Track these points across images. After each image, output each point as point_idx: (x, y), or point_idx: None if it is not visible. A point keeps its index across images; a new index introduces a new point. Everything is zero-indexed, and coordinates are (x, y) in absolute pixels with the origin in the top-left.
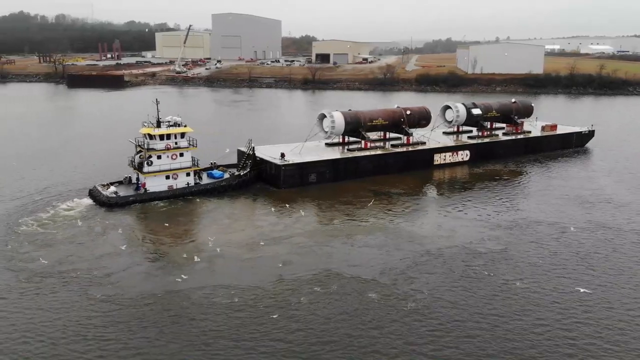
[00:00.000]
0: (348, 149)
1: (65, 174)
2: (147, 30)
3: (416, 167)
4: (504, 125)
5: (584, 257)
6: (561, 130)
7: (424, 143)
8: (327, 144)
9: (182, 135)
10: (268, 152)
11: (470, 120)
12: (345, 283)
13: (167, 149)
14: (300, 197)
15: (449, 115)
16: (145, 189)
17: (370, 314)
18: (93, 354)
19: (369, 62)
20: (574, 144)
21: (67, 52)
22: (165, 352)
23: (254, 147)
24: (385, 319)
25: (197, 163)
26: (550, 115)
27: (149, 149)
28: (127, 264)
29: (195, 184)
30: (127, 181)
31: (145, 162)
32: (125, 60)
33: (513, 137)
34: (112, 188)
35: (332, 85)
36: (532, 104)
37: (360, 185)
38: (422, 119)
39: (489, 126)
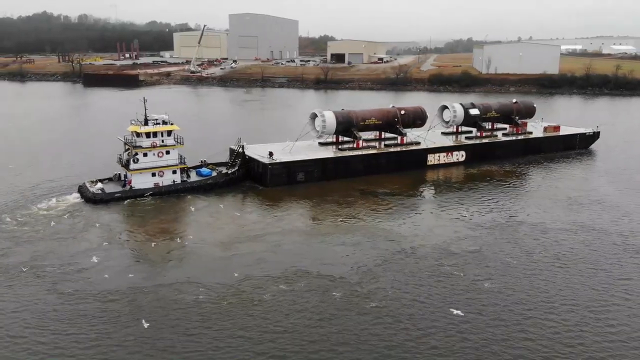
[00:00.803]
0: (339, 149)
1: (60, 170)
2: (167, 30)
3: (409, 168)
4: (506, 126)
5: (558, 257)
6: (565, 131)
7: (418, 143)
8: (321, 144)
9: (169, 133)
10: (260, 151)
11: (468, 120)
12: (311, 281)
13: (153, 146)
14: (287, 196)
15: (447, 115)
16: (131, 186)
17: (330, 311)
18: (49, 346)
19: (385, 62)
20: (577, 146)
21: (88, 51)
22: (122, 345)
23: (243, 146)
24: (343, 316)
25: (184, 161)
26: (562, 116)
27: (135, 147)
28: (100, 260)
29: (183, 181)
30: (117, 178)
31: (132, 160)
32: (142, 60)
33: (512, 138)
34: (99, 184)
35: (345, 85)
36: (535, 105)
37: (349, 184)
38: (417, 118)
39: (490, 127)
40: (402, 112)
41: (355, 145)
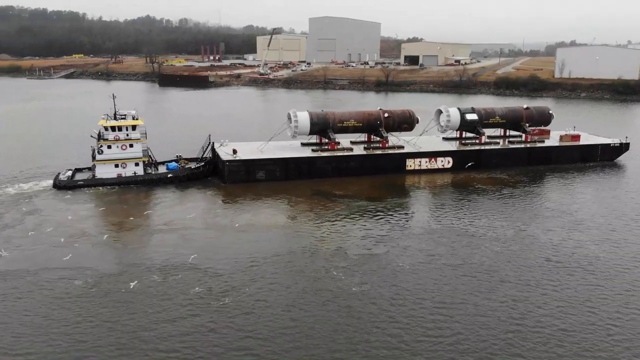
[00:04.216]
0: (312, 149)
1: (59, 159)
2: (261, 34)
3: (385, 172)
4: (519, 133)
5: (494, 270)
6: (586, 141)
7: (401, 147)
8: (303, 144)
9: (134, 127)
10: (242, 149)
11: (465, 125)
12: (188, 274)
13: (116, 139)
14: (242, 193)
15: (442, 120)
16: (94, 175)
17: (180, 308)
18: None
19: (462, 65)
20: (599, 157)
21: (178, 54)
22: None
23: (213, 143)
24: (203, 309)
25: (149, 154)
26: (625, 126)
27: (101, 139)
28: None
29: (147, 173)
30: (94, 168)
31: (97, 151)
32: (223, 62)
33: (512, 146)
34: (69, 173)
35: (406, 88)
36: (551, 111)
37: (310, 185)
38: (403, 122)
39: (502, 133)
40: (386, 115)
41: (329, 147)
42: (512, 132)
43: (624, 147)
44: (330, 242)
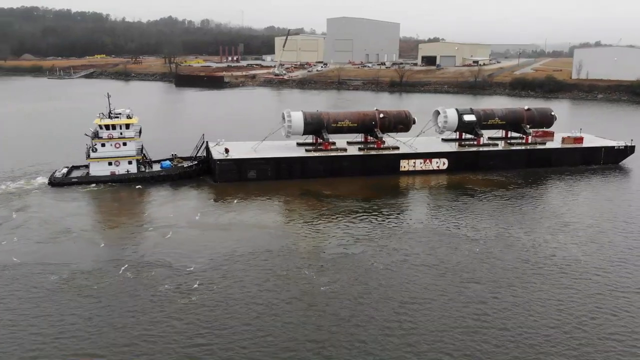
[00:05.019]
0: (306, 149)
1: (60, 157)
2: (282, 35)
3: (379, 173)
4: (520, 135)
5: (468, 270)
6: (589, 143)
7: (397, 148)
8: (299, 144)
9: (127, 126)
10: (239, 148)
11: (463, 126)
12: (161, 271)
13: (110, 138)
14: (232, 192)
15: (440, 120)
16: (88, 173)
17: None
18: None
19: (480, 65)
20: (602, 160)
21: (201, 54)
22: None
23: (207, 142)
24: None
25: (143, 152)
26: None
27: (96, 138)
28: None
29: (140, 172)
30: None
31: (91, 149)
32: (242, 62)
33: (510, 148)
34: (64, 170)
35: (420, 88)
36: (553, 113)
37: (300, 185)
38: (399, 123)
39: (504, 135)
40: (381, 115)
41: (323, 147)
42: (515, 134)
43: (629, 150)
44: (309, 242)
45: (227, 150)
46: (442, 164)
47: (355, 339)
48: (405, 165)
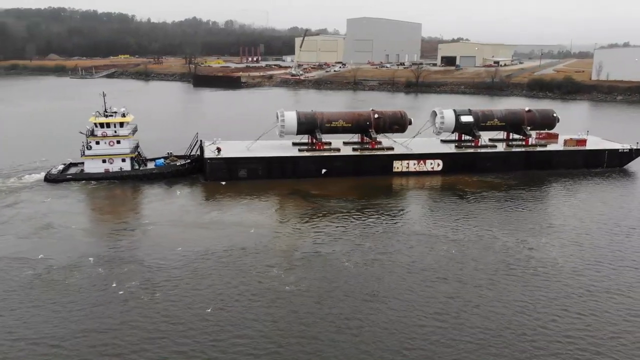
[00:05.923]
0: (299, 149)
1: (60, 154)
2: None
3: (372, 173)
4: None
5: (438, 269)
6: (592, 145)
7: (391, 148)
8: (294, 143)
9: (122, 124)
10: (237, 148)
11: (461, 127)
12: (133, 267)
13: (103, 136)
14: (222, 190)
15: (437, 121)
16: (82, 170)
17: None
18: None
19: (500, 66)
20: (605, 163)
21: (223, 55)
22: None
23: (201, 141)
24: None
25: (137, 150)
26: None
27: (91, 135)
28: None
29: (133, 169)
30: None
31: (86, 147)
32: (261, 63)
33: (508, 150)
34: (61, 167)
35: (436, 89)
36: (555, 114)
37: (290, 185)
38: (394, 123)
39: (505, 136)
40: (376, 115)
41: (316, 147)
42: (517, 136)
43: (634, 153)
44: (284, 240)
45: (219, 150)
46: (437, 165)
47: (308, 335)
48: (398, 166)
